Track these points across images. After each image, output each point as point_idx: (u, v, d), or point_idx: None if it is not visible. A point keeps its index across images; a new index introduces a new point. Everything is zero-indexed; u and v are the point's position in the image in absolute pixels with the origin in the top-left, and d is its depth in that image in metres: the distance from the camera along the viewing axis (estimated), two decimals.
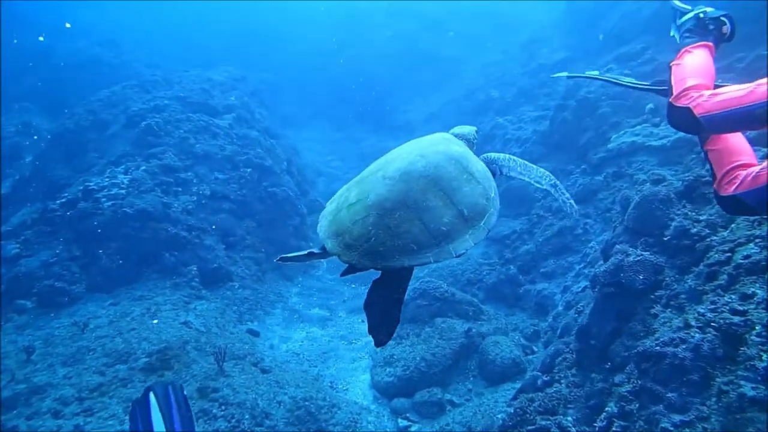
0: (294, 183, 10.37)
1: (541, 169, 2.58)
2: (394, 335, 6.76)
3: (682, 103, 2.63)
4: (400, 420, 5.73)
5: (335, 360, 6.93)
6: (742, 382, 2.62)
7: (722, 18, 2.61)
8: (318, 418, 5.35)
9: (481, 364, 6.18)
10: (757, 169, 2.63)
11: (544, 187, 2.59)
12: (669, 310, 3.72)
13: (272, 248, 8.89)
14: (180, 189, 8.84)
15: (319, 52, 19.73)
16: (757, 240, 3.22)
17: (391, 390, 6.13)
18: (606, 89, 7.72)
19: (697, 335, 3.02)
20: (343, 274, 2.25)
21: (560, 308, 6.44)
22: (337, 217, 2.15)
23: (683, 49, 2.65)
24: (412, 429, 5.59)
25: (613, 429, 3.39)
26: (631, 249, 4.15)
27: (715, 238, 3.68)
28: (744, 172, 2.66)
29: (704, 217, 3.89)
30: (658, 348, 3.17)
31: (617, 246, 4.35)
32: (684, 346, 3.02)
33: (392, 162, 2.27)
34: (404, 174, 2.20)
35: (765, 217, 2.71)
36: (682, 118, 2.55)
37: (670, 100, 2.76)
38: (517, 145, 9.23)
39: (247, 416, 5.01)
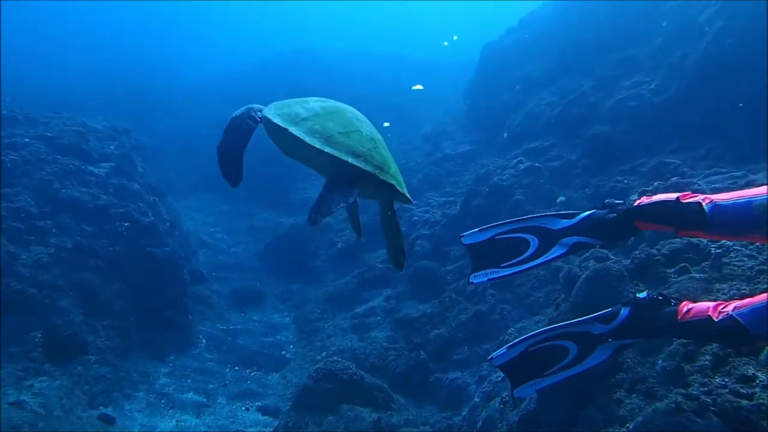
0: (178, 247, 9.14)
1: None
2: (291, 426, 5.71)
3: (692, 197, 2.67)
4: None
5: None
6: None
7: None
8: None
9: None
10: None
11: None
12: (635, 395, 3.35)
13: (143, 318, 7.49)
14: (33, 238, 7.30)
15: (208, 121, 18.78)
16: None
17: None
18: (518, 179, 7.91)
19: (699, 421, 2.62)
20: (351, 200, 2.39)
21: (477, 400, 5.89)
22: (337, 141, 2.31)
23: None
24: None
25: None
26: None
27: None
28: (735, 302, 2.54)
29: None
30: None
31: None
32: None
33: (339, 107, 2.59)
34: (364, 120, 2.57)
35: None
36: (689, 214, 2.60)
37: (679, 196, 2.73)
38: (425, 227, 9.02)
39: None
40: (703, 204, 2.56)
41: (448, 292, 7.43)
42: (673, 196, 2.86)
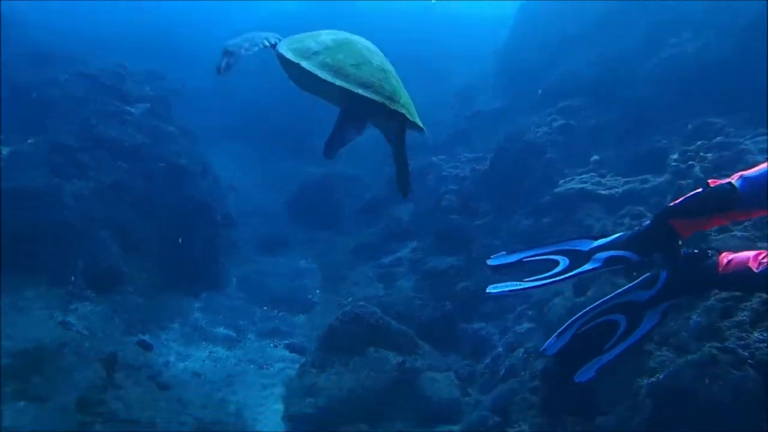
0: (210, 190, 9.33)
1: None
2: (317, 364, 5.93)
3: (722, 181, 2.55)
4: None
5: (242, 386, 5.93)
6: None
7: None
8: None
9: (414, 402, 5.55)
10: None
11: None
12: (666, 348, 3.42)
13: (177, 256, 7.73)
14: (75, 171, 7.51)
15: (234, 70, 18.48)
16: None
17: (310, 424, 5.29)
18: (552, 136, 7.82)
19: (735, 372, 2.68)
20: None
21: (500, 350, 6.05)
22: (348, 72, 2.35)
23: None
24: None
25: None
26: (619, 281, 3.87)
27: None
28: None
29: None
30: (683, 385, 2.80)
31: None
32: (721, 383, 2.66)
33: (350, 39, 2.62)
34: (375, 50, 2.62)
35: None
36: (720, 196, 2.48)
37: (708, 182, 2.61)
38: (454, 182, 9.01)
39: None
40: (733, 181, 2.46)
41: (477, 246, 7.50)
42: (700, 188, 2.76)
